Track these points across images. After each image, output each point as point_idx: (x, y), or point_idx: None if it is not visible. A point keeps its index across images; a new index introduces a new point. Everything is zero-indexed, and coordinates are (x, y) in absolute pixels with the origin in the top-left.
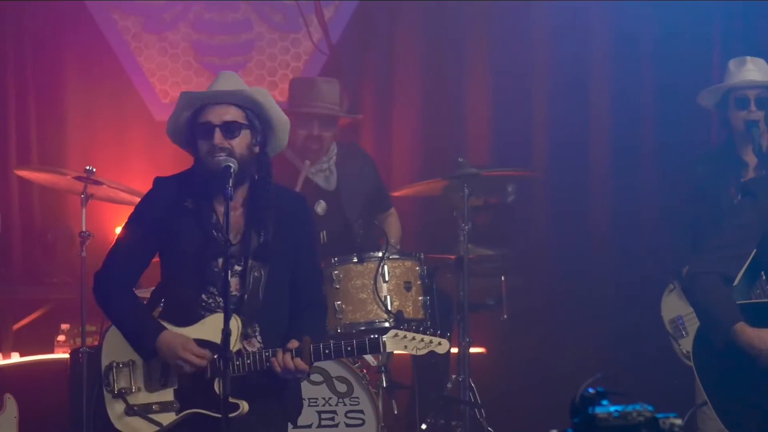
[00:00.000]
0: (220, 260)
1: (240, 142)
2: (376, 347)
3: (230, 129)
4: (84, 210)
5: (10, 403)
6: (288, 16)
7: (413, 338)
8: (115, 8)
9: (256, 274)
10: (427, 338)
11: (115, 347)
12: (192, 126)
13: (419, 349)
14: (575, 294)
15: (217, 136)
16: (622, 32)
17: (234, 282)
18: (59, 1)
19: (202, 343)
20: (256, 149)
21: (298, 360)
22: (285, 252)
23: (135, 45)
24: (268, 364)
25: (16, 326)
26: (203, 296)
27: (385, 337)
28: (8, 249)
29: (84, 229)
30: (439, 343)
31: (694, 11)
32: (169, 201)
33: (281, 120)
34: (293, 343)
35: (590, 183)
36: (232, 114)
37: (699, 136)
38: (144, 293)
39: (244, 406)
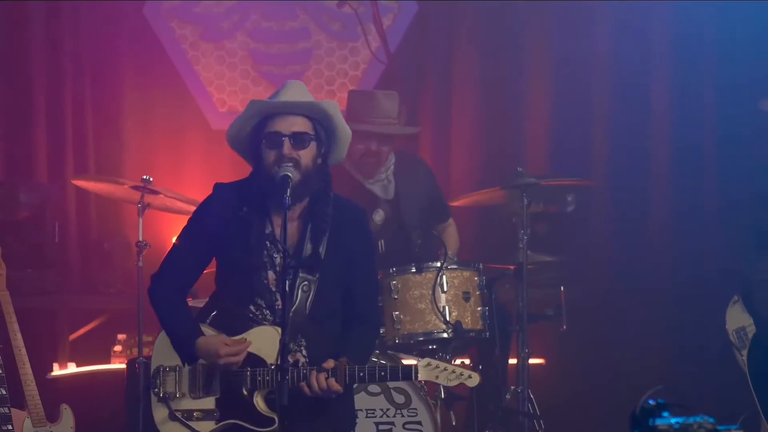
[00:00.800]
0: (270, 272)
1: (307, 154)
2: (408, 374)
3: (300, 140)
4: (141, 219)
5: (67, 413)
6: (346, 25)
7: (445, 369)
8: (173, 16)
9: (304, 288)
10: (458, 370)
11: (164, 351)
12: (257, 134)
13: (450, 380)
14: (635, 304)
15: (286, 147)
16: (683, 33)
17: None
18: (117, 3)
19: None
20: (319, 161)
21: (332, 381)
22: (338, 266)
23: (192, 53)
24: (306, 381)
25: (72, 336)
26: (251, 308)
27: (419, 365)
28: (65, 259)
29: (141, 239)
30: (470, 376)
31: (755, 11)
32: (226, 208)
33: (346, 134)
34: (329, 363)
35: (650, 190)
36: (302, 125)
37: (761, 138)
38: (199, 303)
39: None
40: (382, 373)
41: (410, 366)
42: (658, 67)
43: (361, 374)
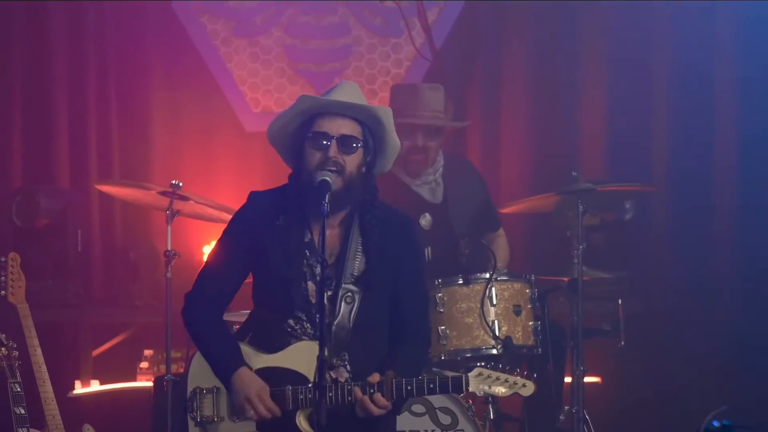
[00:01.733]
0: (310, 283)
1: (353, 160)
2: (458, 386)
3: (347, 144)
4: (169, 227)
5: None
6: (388, 19)
7: (497, 378)
8: (204, 11)
9: (347, 300)
10: (512, 379)
11: (201, 372)
12: (302, 133)
13: (503, 390)
14: (698, 318)
15: (333, 149)
16: (747, 31)
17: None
18: (143, 2)
19: (283, 372)
20: (364, 170)
21: (378, 396)
22: (385, 278)
23: (224, 50)
24: (349, 398)
25: (95, 352)
26: (290, 321)
27: (469, 375)
28: (88, 269)
29: (169, 248)
30: (524, 385)
31: None
32: (262, 218)
33: (395, 145)
34: (374, 377)
35: (714, 196)
36: (350, 128)
37: None
38: (235, 316)
39: None
40: (431, 386)
41: (460, 376)
42: (721, 63)
43: (409, 388)
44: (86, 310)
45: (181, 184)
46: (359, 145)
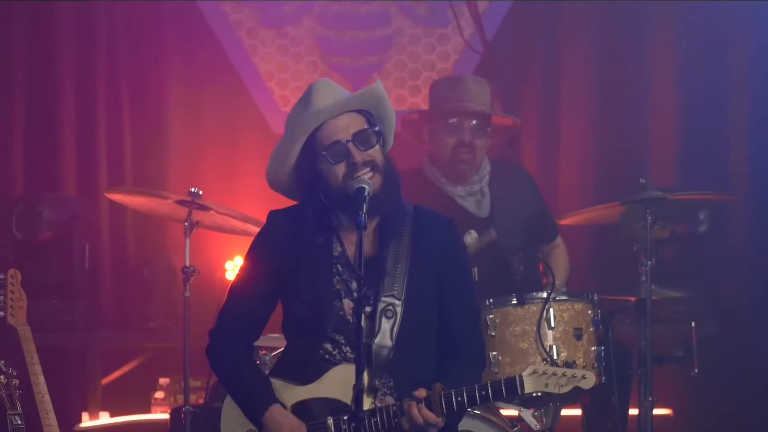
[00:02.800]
0: (345, 300)
1: (378, 151)
2: (513, 388)
3: (365, 138)
4: (188, 240)
5: None
6: (434, 8)
7: (554, 373)
8: None
9: (388, 314)
10: (570, 372)
11: (234, 419)
12: (308, 158)
13: (562, 386)
14: None
15: (354, 152)
16: None
17: (363, 327)
18: None
19: (322, 402)
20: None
21: (426, 411)
22: (429, 286)
23: (250, 42)
24: (396, 420)
25: (105, 380)
26: (326, 345)
27: (524, 375)
28: (97, 288)
29: (188, 264)
30: (584, 377)
31: None
32: (285, 237)
33: (391, 114)
34: (421, 392)
35: None
36: (357, 122)
37: None
38: (263, 340)
39: None
40: (483, 393)
41: (513, 378)
42: None
43: (459, 399)
44: (95, 334)
45: (201, 193)
46: (375, 132)
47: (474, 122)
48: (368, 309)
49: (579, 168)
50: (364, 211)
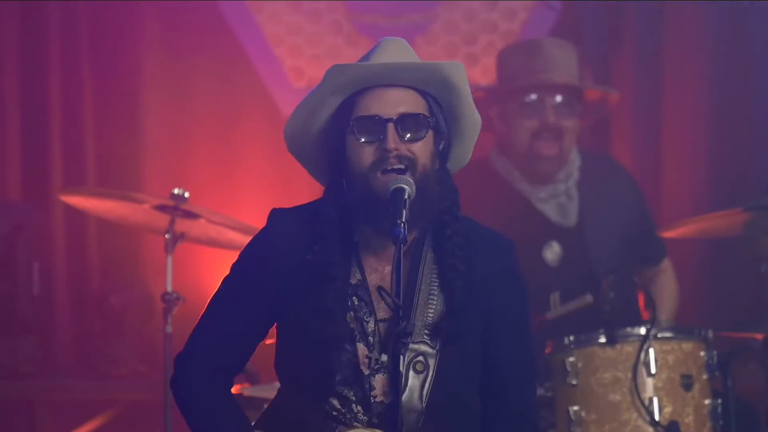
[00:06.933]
0: (360, 345)
1: (424, 150)
2: None
3: (413, 126)
4: (170, 258)
5: None
6: None
7: None
8: None
9: (418, 367)
10: None
11: None
12: (338, 125)
13: None
14: None
15: (391, 137)
16: None
17: (380, 380)
18: None
19: None
20: (437, 164)
21: None
22: (473, 331)
23: None
24: None
25: None
26: (332, 401)
27: None
28: (51, 321)
29: (170, 290)
30: None
31: None
32: (291, 247)
33: (473, 119)
34: None
35: None
36: (412, 102)
37: None
38: (263, 390)
39: None
40: None
41: None
42: None
43: None
44: (46, 383)
45: (187, 195)
46: (429, 123)
47: (559, 98)
48: (385, 358)
49: (688, 168)
50: (404, 220)
